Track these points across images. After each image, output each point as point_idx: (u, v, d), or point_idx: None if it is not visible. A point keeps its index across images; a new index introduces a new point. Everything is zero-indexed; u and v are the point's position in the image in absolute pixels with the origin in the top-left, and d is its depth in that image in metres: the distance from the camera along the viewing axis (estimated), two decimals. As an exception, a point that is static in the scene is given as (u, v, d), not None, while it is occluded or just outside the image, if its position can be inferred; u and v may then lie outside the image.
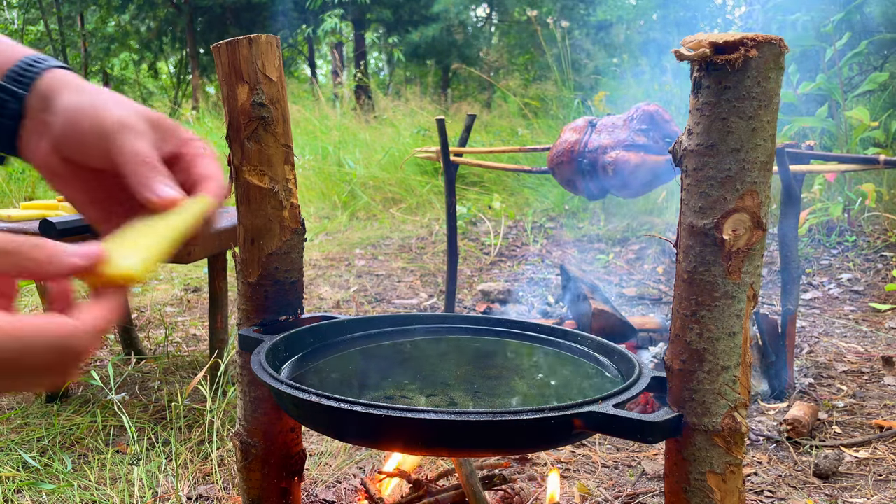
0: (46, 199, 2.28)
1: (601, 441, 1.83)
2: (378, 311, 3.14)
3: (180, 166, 0.68)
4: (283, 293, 0.97)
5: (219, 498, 1.53)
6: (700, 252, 0.65)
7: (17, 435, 1.85)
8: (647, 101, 2.06)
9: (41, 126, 0.67)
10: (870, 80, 3.63)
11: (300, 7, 12.33)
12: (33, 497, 1.53)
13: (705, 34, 0.62)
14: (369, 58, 16.70)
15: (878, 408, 2.03)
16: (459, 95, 13.50)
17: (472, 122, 2.69)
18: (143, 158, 0.64)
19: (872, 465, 1.69)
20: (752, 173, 0.62)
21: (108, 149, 0.64)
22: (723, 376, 0.66)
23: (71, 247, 0.54)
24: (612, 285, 3.41)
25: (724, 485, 0.67)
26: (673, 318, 0.69)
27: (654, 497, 1.55)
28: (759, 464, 1.71)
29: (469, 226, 4.90)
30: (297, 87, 12.00)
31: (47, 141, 0.67)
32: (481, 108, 10.54)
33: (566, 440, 0.74)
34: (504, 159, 3.89)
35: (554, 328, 0.99)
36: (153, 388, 2.21)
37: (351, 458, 1.71)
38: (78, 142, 0.65)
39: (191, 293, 3.54)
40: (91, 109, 0.64)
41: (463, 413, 0.64)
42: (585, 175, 2.14)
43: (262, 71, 0.91)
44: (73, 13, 13.46)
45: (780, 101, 0.63)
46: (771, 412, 1.98)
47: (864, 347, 2.55)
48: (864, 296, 3.20)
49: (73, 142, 0.65)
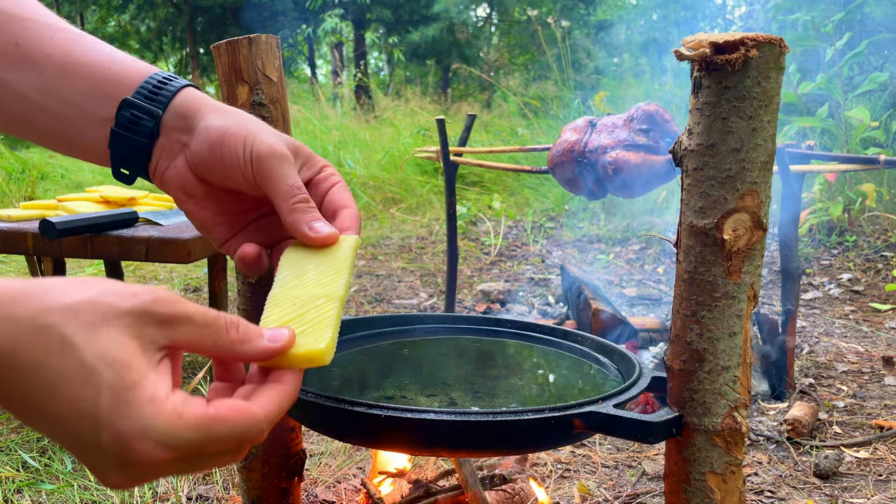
0: (46, 200, 2.28)
1: (601, 441, 1.83)
2: (378, 311, 3.14)
3: (314, 192, 0.68)
4: (283, 293, 0.97)
5: (219, 498, 1.53)
6: (700, 252, 0.65)
7: (17, 435, 1.85)
8: (648, 100, 2.06)
9: (177, 146, 0.65)
10: (870, 80, 3.63)
11: (300, 7, 12.34)
12: (33, 497, 1.53)
13: (705, 34, 0.62)
14: (369, 58, 16.71)
15: (879, 408, 2.03)
16: (459, 95, 13.50)
17: (472, 122, 2.69)
18: (296, 192, 0.63)
19: (873, 466, 1.69)
20: (752, 173, 0.62)
21: (256, 176, 0.63)
22: (723, 376, 0.66)
23: (262, 330, 0.52)
24: (612, 285, 3.41)
25: (724, 485, 0.67)
26: (673, 318, 0.69)
27: (654, 497, 1.55)
28: (759, 464, 1.71)
29: (469, 226, 4.90)
30: (297, 87, 12.00)
31: (183, 161, 0.65)
32: (481, 108, 10.55)
33: (566, 440, 0.74)
34: (504, 159, 3.89)
35: (554, 328, 0.99)
36: (153, 388, 2.20)
37: (351, 458, 1.71)
38: (221, 165, 0.64)
39: (191, 293, 3.54)
40: (241, 133, 0.63)
41: (463, 413, 0.64)
42: (585, 175, 2.14)
43: (262, 71, 0.91)
44: (73, 13, 13.47)
45: (780, 101, 0.63)
46: (771, 412, 1.98)
47: (865, 347, 2.55)
48: (864, 296, 3.20)
49: (217, 164, 0.64)
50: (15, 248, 1.86)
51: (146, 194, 2.24)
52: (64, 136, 0.66)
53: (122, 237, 1.79)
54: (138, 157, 0.66)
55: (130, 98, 0.64)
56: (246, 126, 0.64)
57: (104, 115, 0.64)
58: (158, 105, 0.64)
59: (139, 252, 1.78)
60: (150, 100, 0.64)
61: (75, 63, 0.63)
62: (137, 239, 1.78)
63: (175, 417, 0.43)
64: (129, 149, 0.65)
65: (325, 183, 0.68)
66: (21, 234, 1.84)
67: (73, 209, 1.97)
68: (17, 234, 1.84)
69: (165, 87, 0.65)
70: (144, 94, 0.64)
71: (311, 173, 0.68)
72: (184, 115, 0.65)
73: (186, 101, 0.65)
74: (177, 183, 0.66)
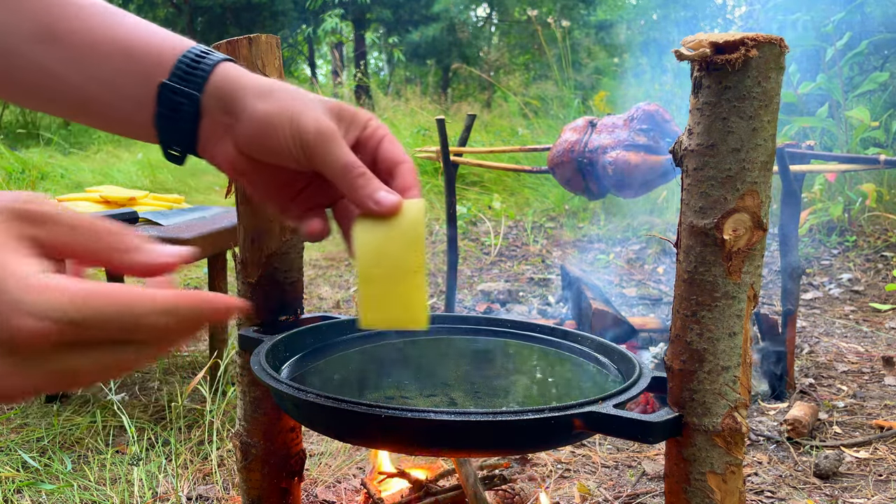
0: (46, 199, 2.28)
1: (601, 441, 1.83)
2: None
3: (365, 151, 0.68)
4: (283, 293, 0.97)
5: (219, 498, 1.53)
6: (700, 252, 0.65)
7: (17, 435, 1.85)
8: (648, 100, 2.06)
9: (222, 128, 0.65)
10: (870, 80, 3.63)
11: (300, 7, 12.34)
12: (33, 497, 1.53)
13: (705, 34, 0.62)
14: (369, 58, 16.70)
15: (879, 408, 2.03)
16: (459, 95, 13.50)
17: (472, 122, 2.69)
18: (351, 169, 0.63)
19: (873, 466, 1.69)
20: (752, 173, 0.62)
21: (308, 160, 0.63)
22: (723, 376, 0.66)
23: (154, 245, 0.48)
24: (612, 285, 3.41)
25: (724, 485, 0.67)
26: (673, 318, 0.69)
27: (654, 497, 1.55)
28: (759, 464, 1.71)
29: (469, 226, 4.90)
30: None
31: (231, 142, 0.65)
32: (481, 107, 10.54)
33: (566, 440, 0.74)
34: (504, 159, 3.89)
35: (554, 328, 0.99)
36: (153, 389, 2.21)
37: (351, 458, 1.71)
38: (271, 147, 0.64)
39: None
40: (285, 118, 0.63)
41: (463, 413, 0.64)
42: (585, 175, 2.14)
43: (262, 71, 0.91)
44: (73, 13, 13.44)
45: (780, 101, 0.63)
46: (771, 412, 1.98)
47: (865, 347, 2.55)
48: (864, 296, 3.20)
49: (266, 147, 0.64)
50: (15, 248, 1.86)
51: (146, 194, 2.24)
52: (101, 115, 0.66)
53: (122, 237, 1.79)
54: (185, 139, 0.66)
55: (167, 81, 0.63)
56: (289, 109, 0.63)
57: (142, 96, 0.64)
58: (196, 87, 0.64)
59: (139, 252, 1.77)
60: (187, 81, 0.64)
61: (108, 42, 0.63)
62: (137, 239, 1.78)
63: (47, 289, 0.40)
64: (175, 132, 0.65)
65: (373, 139, 0.68)
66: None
67: (72, 209, 1.97)
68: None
69: (201, 64, 0.64)
70: (180, 74, 0.64)
71: (358, 132, 0.67)
72: (223, 97, 0.64)
73: (224, 82, 0.64)
74: (228, 163, 0.67)
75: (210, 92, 0.64)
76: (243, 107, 0.64)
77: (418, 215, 0.66)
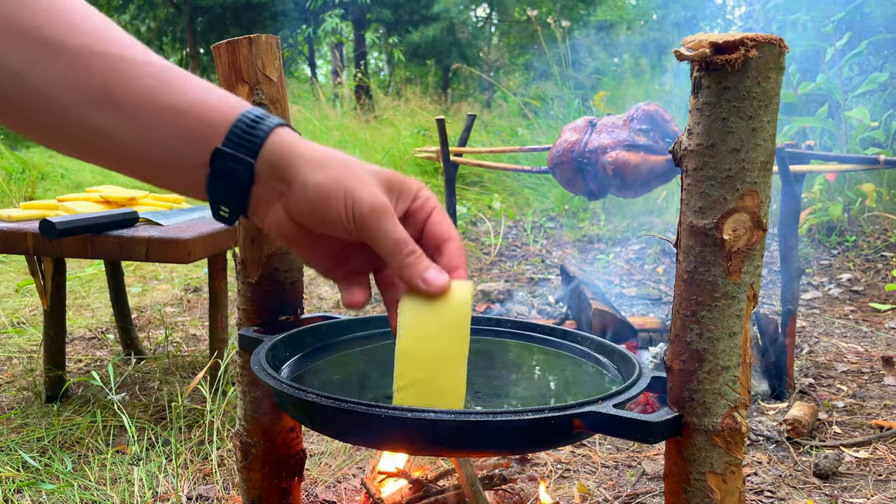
0: (46, 200, 2.28)
1: (601, 441, 1.83)
2: (378, 311, 3.14)
3: (413, 223, 0.68)
4: (283, 293, 0.97)
5: (219, 498, 1.53)
6: (700, 252, 0.65)
7: (17, 435, 1.85)
8: (648, 101, 2.06)
9: (275, 194, 0.65)
10: (870, 80, 3.63)
11: (300, 7, 12.34)
12: (33, 497, 1.53)
13: (705, 34, 0.62)
14: (369, 58, 16.71)
15: (878, 408, 2.03)
16: (459, 95, 13.50)
17: (472, 122, 2.70)
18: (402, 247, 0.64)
19: (872, 466, 1.69)
20: (752, 173, 0.62)
21: (360, 234, 0.64)
22: (723, 376, 0.66)
23: None
24: (612, 285, 3.41)
25: (724, 485, 0.67)
26: (673, 318, 0.69)
27: (654, 497, 1.55)
28: (759, 464, 1.71)
29: (469, 226, 4.90)
30: (297, 87, 12.00)
31: (282, 209, 0.65)
32: (481, 108, 10.54)
33: (566, 440, 0.74)
34: (504, 159, 3.89)
35: (554, 328, 0.99)
36: (153, 388, 2.21)
37: (351, 458, 1.71)
38: (323, 218, 0.64)
39: (191, 293, 3.54)
40: (341, 192, 0.63)
41: (463, 413, 0.64)
42: (585, 175, 2.14)
43: (262, 71, 0.91)
44: (73, 13, 13.44)
45: (780, 101, 0.63)
46: (771, 412, 1.98)
47: (864, 347, 2.55)
48: (864, 296, 3.20)
49: (319, 218, 0.64)
50: (15, 248, 1.86)
51: (146, 194, 2.24)
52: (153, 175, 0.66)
53: (123, 237, 1.79)
54: (237, 203, 0.66)
55: (222, 148, 0.63)
56: (344, 183, 0.63)
57: (198, 160, 0.64)
58: (250, 154, 0.63)
59: (139, 252, 1.78)
60: (241, 147, 0.63)
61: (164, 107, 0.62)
62: (137, 239, 1.78)
63: None
64: (226, 196, 0.65)
65: (422, 211, 0.69)
66: (21, 234, 1.84)
67: (73, 209, 1.97)
68: (17, 234, 1.84)
69: (256, 129, 0.64)
70: (235, 140, 0.63)
71: (408, 203, 0.68)
72: (277, 165, 0.64)
73: (278, 149, 0.64)
74: (277, 228, 0.67)
75: (264, 158, 0.64)
76: (297, 175, 0.63)
77: (465, 297, 0.66)
